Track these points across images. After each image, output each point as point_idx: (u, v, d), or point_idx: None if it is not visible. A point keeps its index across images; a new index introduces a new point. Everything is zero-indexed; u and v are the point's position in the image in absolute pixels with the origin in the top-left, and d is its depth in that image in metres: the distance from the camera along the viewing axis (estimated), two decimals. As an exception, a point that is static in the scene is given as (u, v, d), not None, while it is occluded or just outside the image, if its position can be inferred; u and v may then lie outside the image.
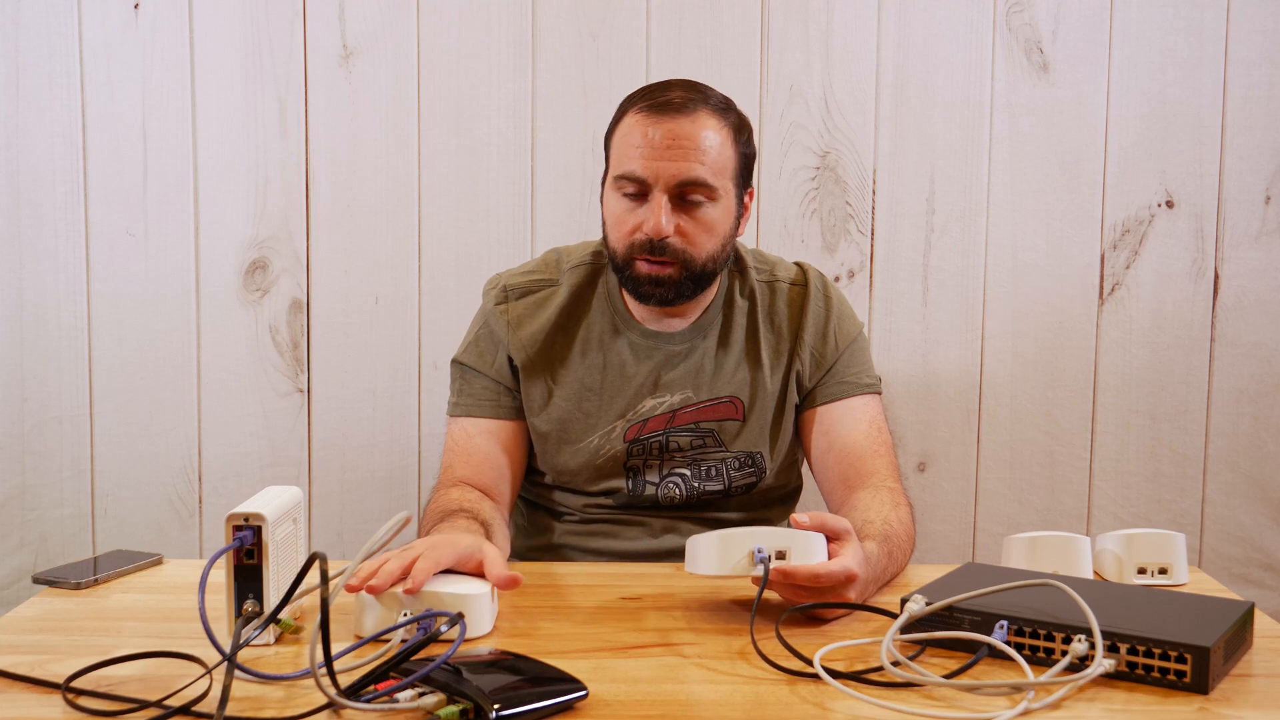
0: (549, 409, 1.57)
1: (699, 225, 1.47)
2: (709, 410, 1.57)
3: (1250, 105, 2.05)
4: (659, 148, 1.44)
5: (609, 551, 1.58)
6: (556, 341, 1.58)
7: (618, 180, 1.48)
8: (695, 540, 1.19)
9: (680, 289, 1.49)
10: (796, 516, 1.20)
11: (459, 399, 1.60)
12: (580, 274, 1.61)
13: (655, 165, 1.44)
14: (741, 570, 1.16)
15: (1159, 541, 1.37)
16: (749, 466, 1.57)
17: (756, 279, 1.61)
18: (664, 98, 1.47)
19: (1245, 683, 1.04)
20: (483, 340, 1.60)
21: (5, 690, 1.00)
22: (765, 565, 1.15)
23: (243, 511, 1.08)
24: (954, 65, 2.04)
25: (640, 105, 1.48)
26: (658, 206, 1.45)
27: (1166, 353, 2.09)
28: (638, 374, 1.57)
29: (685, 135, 1.44)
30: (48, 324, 2.03)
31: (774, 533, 1.17)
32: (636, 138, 1.46)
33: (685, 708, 0.97)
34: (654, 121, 1.45)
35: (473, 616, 1.12)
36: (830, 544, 1.19)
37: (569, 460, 1.57)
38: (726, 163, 1.48)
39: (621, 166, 1.47)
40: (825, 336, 1.59)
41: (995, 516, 2.12)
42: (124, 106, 2.01)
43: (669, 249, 1.46)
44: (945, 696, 1.00)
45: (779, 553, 1.16)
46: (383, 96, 2.02)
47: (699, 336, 1.58)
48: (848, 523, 1.22)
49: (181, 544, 2.07)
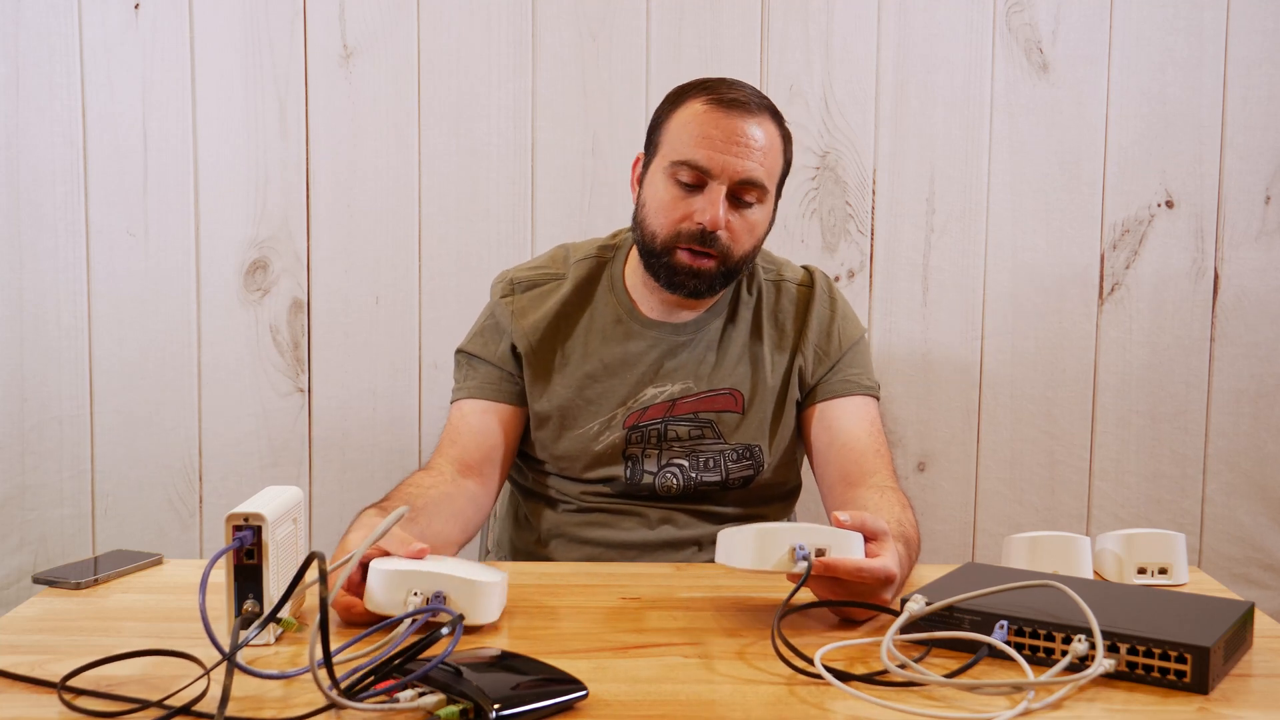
0: (551, 395, 1.58)
1: (745, 224, 1.50)
2: (708, 401, 1.57)
3: (1250, 105, 2.05)
4: (726, 142, 1.46)
5: (605, 542, 1.58)
6: (560, 329, 1.59)
7: (675, 166, 1.49)
8: (731, 533, 1.17)
9: (714, 284, 1.52)
10: (838, 515, 1.19)
11: (461, 384, 1.62)
12: (586, 266, 1.62)
13: (721, 158, 1.46)
14: (782, 566, 1.14)
15: (1159, 541, 1.37)
16: (747, 459, 1.58)
17: (764, 277, 1.63)
18: (731, 94, 1.49)
19: (1245, 683, 1.04)
20: (487, 330, 1.62)
21: (3, 690, 1.00)
22: (809, 562, 1.13)
23: (242, 511, 1.08)
24: (954, 65, 2.04)
25: (706, 97, 1.50)
26: (716, 199, 1.47)
27: (1166, 353, 2.09)
28: (640, 362, 1.58)
29: (751, 135, 1.47)
30: (48, 324, 2.03)
31: (813, 530, 1.15)
32: (703, 127, 1.47)
33: (685, 708, 0.97)
34: (722, 114, 1.47)
35: (480, 603, 1.12)
36: (867, 544, 1.18)
37: (569, 446, 1.58)
38: (776, 168, 1.52)
39: (681, 153, 1.48)
40: (829, 334, 1.60)
41: (995, 516, 2.12)
42: (124, 106, 2.01)
43: (716, 243, 1.48)
44: (945, 696, 0.99)
45: (819, 550, 1.14)
46: (383, 96, 2.02)
47: (703, 328, 1.59)
48: (886, 524, 1.21)
49: (181, 544, 2.07)
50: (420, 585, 1.11)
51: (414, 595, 1.11)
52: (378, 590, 1.12)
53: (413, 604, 1.10)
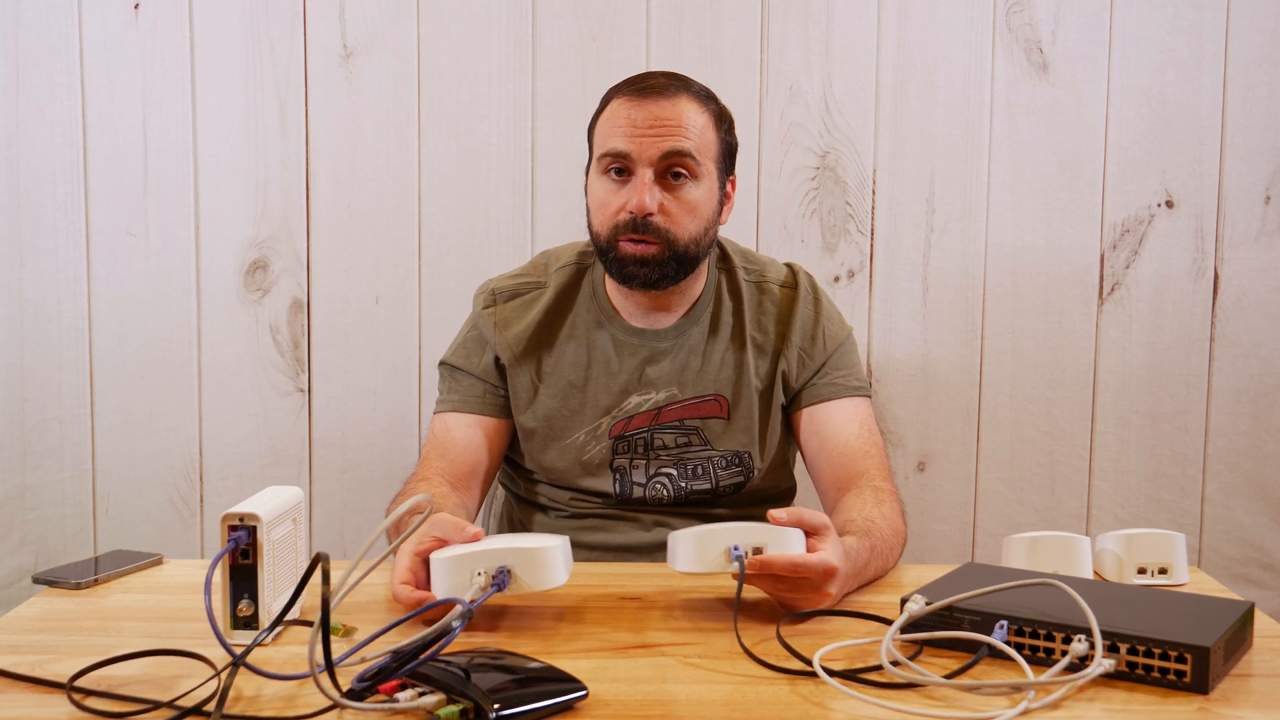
0: (535, 406, 1.58)
1: (682, 204, 1.49)
2: (693, 408, 1.57)
3: (1250, 105, 2.04)
4: (642, 126, 1.47)
5: (601, 545, 1.57)
6: (542, 339, 1.59)
7: (601, 160, 1.50)
8: (674, 537, 1.20)
9: (664, 269, 1.50)
10: (773, 513, 1.19)
11: (445, 396, 1.62)
12: (566, 273, 1.63)
13: (639, 141, 1.47)
14: (719, 567, 1.16)
15: (1159, 541, 1.37)
16: (736, 466, 1.58)
17: (745, 279, 1.62)
18: (645, 83, 1.51)
19: (1245, 683, 1.04)
20: (470, 342, 1.62)
21: (7, 690, 1.00)
22: (741, 563, 1.14)
23: (238, 511, 1.08)
24: (954, 65, 2.04)
25: (623, 92, 1.51)
26: (641, 183, 1.47)
27: (1166, 353, 2.09)
28: (622, 370, 1.58)
29: (668, 115, 1.48)
30: (48, 324, 2.03)
31: (751, 528, 1.17)
32: (620, 119, 1.49)
33: (685, 708, 0.97)
34: (637, 104, 1.49)
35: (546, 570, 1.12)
36: (809, 539, 1.19)
37: (556, 459, 1.58)
38: (709, 145, 1.51)
39: (604, 146, 1.50)
40: (814, 338, 1.60)
41: (995, 516, 2.11)
42: (124, 106, 2.01)
43: (651, 227, 1.47)
44: (945, 696, 0.99)
45: (756, 548, 1.15)
46: (383, 96, 2.02)
47: (684, 333, 1.58)
48: (826, 518, 1.21)
49: (182, 544, 2.07)
50: (483, 564, 1.11)
51: (478, 575, 1.11)
52: (443, 579, 1.12)
53: (478, 583, 1.10)
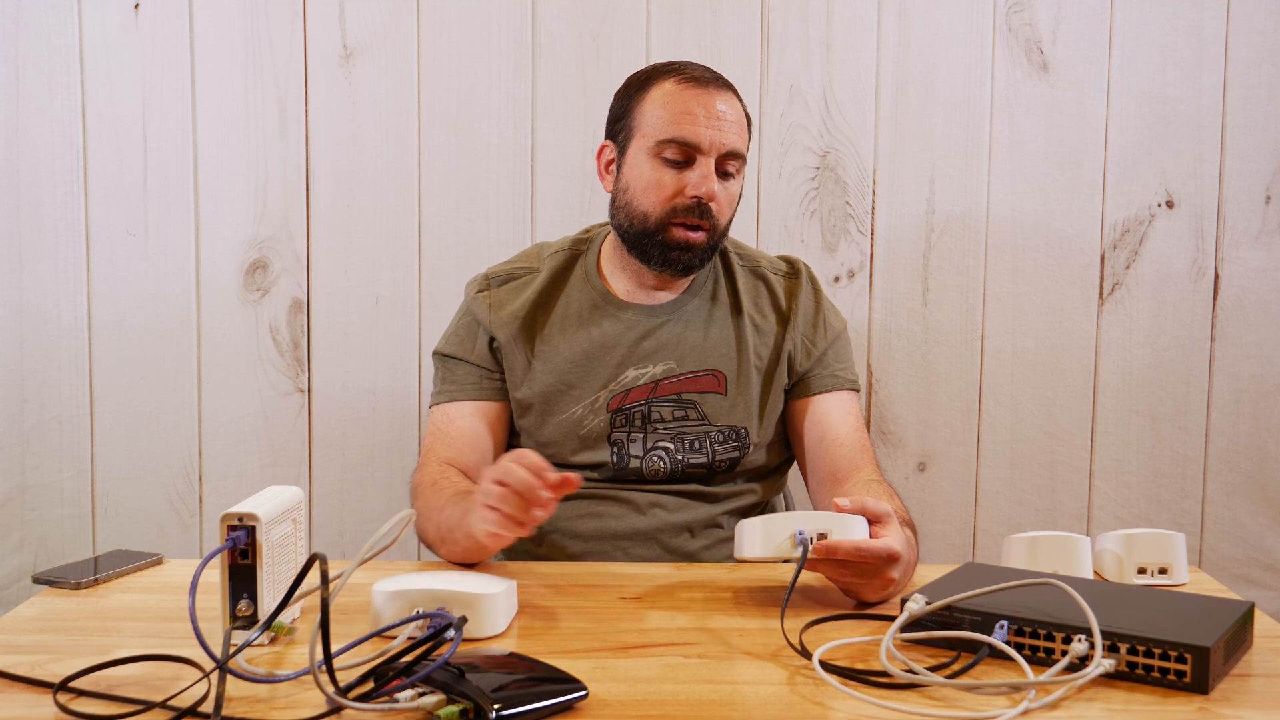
0: (531, 381, 1.59)
1: (728, 196, 1.55)
2: (691, 382, 1.59)
3: (1250, 105, 2.04)
4: (708, 116, 1.51)
5: (598, 534, 1.57)
6: (537, 317, 1.61)
7: (661, 145, 1.52)
8: (741, 525, 1.22)
9: (704, 257, 1.55)
10: (838, 500, 1.23)
11: (442, 387, 1.62)
12: (559, 258, 1.65)
13: (707, 133, 1.50)
14: (784, 552, 1.18)
15: (1159, 541, 1.37)
16: (733, 441, 1.58)
17: (739, 264, 1.65)
18: (698, 72, 1.54)
19: (1245, 683, 1.04)
20: (463, 329, 1.63)
21: (2, 691, 1.00)
22: (805, 547, 1.16)
23: (237, 511, 1.08)
24: (954, 65, 2.04)
25: (675, 76, 1.54)
26: (709, 171, 1.51)
27: (1166, 353, 2.09)
28: (619, 345, 1.59)
29: (728, 109, 1.53)
30: (48, 324, 2.03)
31: (816, 516, 1.19)
32: (683, 104, 1.51)
33: (686, 708, 0.97)
34: (698, 90, 1.52)
35: (486, 616, 1.12)
36: (872, 527, 1.21)
37: (554, 432, 1.58)
38: (747, 140, 1.57)
39: (666, 132, 1.51)
40: (815, 325, 1.63)
41: (995, 516, 2.11)
42: (124, 106, 2.01)
43: (709, 214, 1.52)
44: (945, 696, 0.99)
45: (820, 534, 1.17)
46: (383, 96, 2.02)
47: (679, 309, 1.61)
48: (888, 506, 1.24)
49: (182, 544, 2.07)
50: (423, 603, 1.11)
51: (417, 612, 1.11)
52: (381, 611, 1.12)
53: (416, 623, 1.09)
